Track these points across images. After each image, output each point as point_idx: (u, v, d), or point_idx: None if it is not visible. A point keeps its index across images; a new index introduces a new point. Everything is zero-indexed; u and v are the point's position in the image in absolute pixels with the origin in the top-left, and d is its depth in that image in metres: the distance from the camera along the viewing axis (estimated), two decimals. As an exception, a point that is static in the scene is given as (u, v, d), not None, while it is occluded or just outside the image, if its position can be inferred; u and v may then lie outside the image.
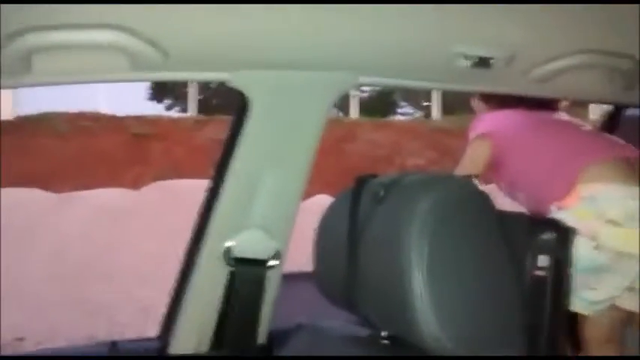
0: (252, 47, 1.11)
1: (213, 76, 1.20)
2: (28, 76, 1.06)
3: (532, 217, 0.90)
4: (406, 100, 15.93)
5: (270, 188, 1.28)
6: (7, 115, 10.40)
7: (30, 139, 9.70)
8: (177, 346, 1.32)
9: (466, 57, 1.15)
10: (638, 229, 1.51)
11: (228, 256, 1.28)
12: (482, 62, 1.16)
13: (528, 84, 1.27)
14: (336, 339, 1.09)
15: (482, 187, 0.87)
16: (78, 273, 6.12)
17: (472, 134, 1.85)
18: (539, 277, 0.84)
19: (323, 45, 1.12)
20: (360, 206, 0.96)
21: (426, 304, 0.76)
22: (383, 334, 1.00)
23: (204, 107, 12.44)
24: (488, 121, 1.85)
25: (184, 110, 13.95)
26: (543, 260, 0.84)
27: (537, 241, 0.85)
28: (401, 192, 0.87)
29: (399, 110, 15.99)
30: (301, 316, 1.40)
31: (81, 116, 10.31)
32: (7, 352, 4.81)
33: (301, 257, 1.47)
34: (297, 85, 1.22)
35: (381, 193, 0.90)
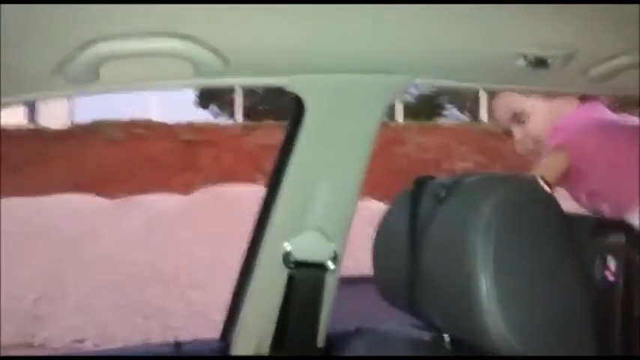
0: (308, 52, 1.12)
1: (270, 81, 1.21)
2: (95, 85, 1.10)
3: (599, 220, 0.88)
4: (452, 102, 15.79)
5: (327, 191, 1.29)
6: (63, 124, 10.75)
7: (84, 146, 10.00)
8: (238, 348, 1.34)
9: (524, 57, 1.14)
10: None
11: (288, 259, 1.30)
12: (540, 62, 1.15)
13: (587, 83, 1.24)
14: (397, 342, 1.09)
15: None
16: (133, 277, 6.27)
17: (549, 142, 1.74)
18: (608, 282, 0.82)
19: (379, 47, 1.13)
20: (421, 207, 0.96)
21: (493, 306, 0.75)
22: (446, 337, 0.99)
23: (250, 113, 12.60)
24: (566, 130, 1.74)
25: (230, 116, 14.16)
26: (612, 263, 0.83)
27: (606, 243, 0.83)
28: (464, 192, 0.87)
29: (445, 113, 15.87)
30: (352, 320, 1.41)
31: (133, 124, 10.57)
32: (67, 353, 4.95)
33: (349, 261, 1.47)
34: (352, 88, 1.23)
35: (442, 193, 0.90)
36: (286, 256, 1.30)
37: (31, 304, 5.99)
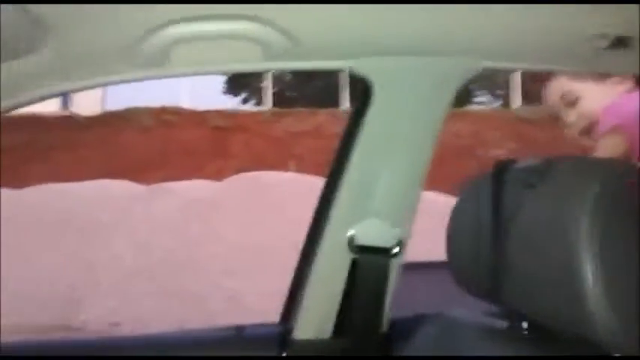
0: (377, 34, 1.10)
1: (338, 64, 1.20)
2: (165, 68, 1.10)
3: None
4: (483, 88, 15.59)
5: (392, 176, 1.27)
6: (95, 111, 10.87)
7: (116, 133, 10.10)
8: (300, 332, 1.34)
9: (604, 37, 1.11)
10: None
11: (352, 244, 1.28)
12: (621, 42, 1.11)
13: None
14: (472, 329, 1.08)
15: None
16: (167, 263, 6.33)
17: (602, 127, 1.70)
18: None
19: (447, 30, 1.10)
20: (505, 193, 0.93)
21: (600, 295, 0.73)
22: (524, 325, 0.97)
23: (278, 100, 12.61)
24: (620, 110, 1.69)
25: (258, 103, 14.17)
26: None
27: None
28: (560, 177, 0.84)
29: (476, 100, 15.68)
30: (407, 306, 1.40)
31: (164, 111, 10.64)
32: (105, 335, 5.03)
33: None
34: (420, 71, 1.20)
35: (532, 179, 0.88)
36: (351, 241, 1.29)
37: (66, 289, 6.09)
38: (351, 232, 1.29)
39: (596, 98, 1.75)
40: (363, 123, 1.26)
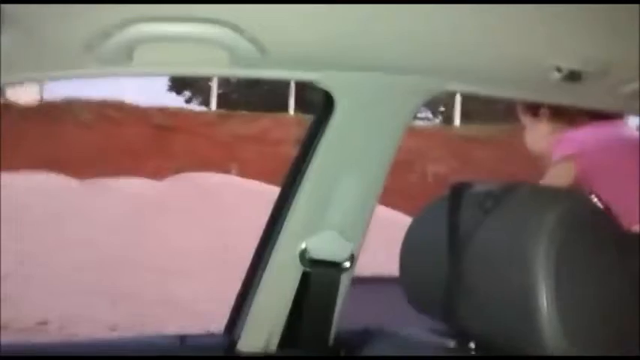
0: (342, 49, 1.11)
1: (303, 75, 1.19)
2: (127, 67, 1.07)
3: None
4: (426, 105, 15.91)
5: (348, 190, 1.28)
6: (33, 99, 10.50)
7: (53, 125, 9.79)
8: (246, 343, 1.32)
9: (559, 70, 1.15)
10: None
11: (304, 257, 1.28)
12: (574, 76, 1.15)
13: (615, 100, 1.26)
14: (421, 347, 1.09)
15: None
16: (102, 261, 6.16)
17: (555, 155, 1.75)
18: None
19: (412, 49, 1.12)
20: (460, 215, 0.95)
21: (554, 319, 0.75)
22: (471, 345, 0.99)
23: (223, 102, 12.50)
24: (572, 142, 1.74)
25: (203, 103, 14.02)
26: None
27: None
28: (517, 204, 0.86)
29: (418, 115, 15.99)
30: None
31: (104, 105, 10.40)
32: (31, 336, 4.85)
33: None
34: (383, 87, 1.21)
35: (489, 203, 0.90)
36: (302, 254, 1.28)
37: (-7, 284, 5.84)
38: (303, 245, 1.28)
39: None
40: (323, 135, 1.26)
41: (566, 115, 1.72)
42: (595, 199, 0.82)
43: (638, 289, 0.82)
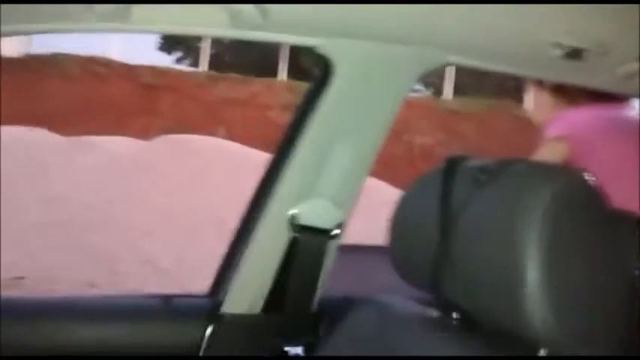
0: (344, 16, 1.09)
1: (304, 40, 1.18)
2: (126, 24, 1.05)
3: None
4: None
5: (341, 158, 1.27)
6: (18, 52, 10.30)
7: (38, 79, 9.63)
8: (230, 305, 1.33)
9: (560, 46, 1.14)
10: None
11: (294, 223, 1.28)
12: (575, 53, 1.15)
13: (614, 80, 1.25)
14: (405, 316, 1.09)
15: None
16: (82, 220, 6.13)
17: (548, 133, 1.73)
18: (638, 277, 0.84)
19: (416, 19, 1.11)
20: (454, 189, 0.95)
21: (542, 296, 0.76)
22: (455, 315, 1.00)
23: (215, 63, 12.35)
24: (567, 122, 1.71)
25: (193, 64, 13.83)
26: None
27: None
28: (512, 180, 0.86)
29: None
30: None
31: (92, 61, 10.22)
32: (8, 291, 4.83)
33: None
34: (384, 57, 1.20)
35: (483, 177, 0.89)
36: (292, 220, 1.28)
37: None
38: (293, 211, 1.28)
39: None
40: (319, 102, 1.25)
41: (568, 93, 1.70)
42: (588, 178, 0.82)
43: (623, 268, 0.83)
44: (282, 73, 10.72)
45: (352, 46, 1.18)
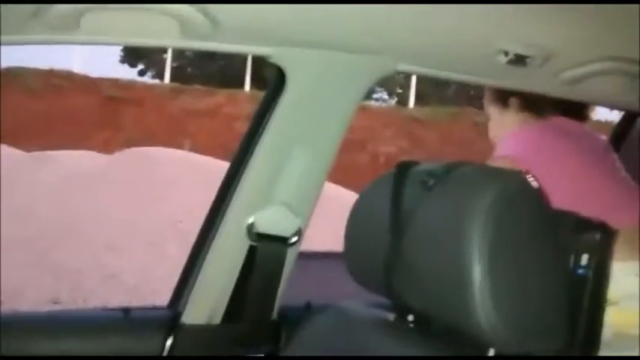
0: (297, 24, 1.11)
1: (255, 50, 1.19)
2: (75, 34, 1.05)
3: (579, 217, 0.92)
4: (381, 85, 16.01)
5: (298, 166, 1.28)
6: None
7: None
8: (190, 316, 1.32)
9: (505, 53, 1.17)
10: (638, 308, 1.33)
11: (252, 231, 1.28)
12: (519, 60, 1.18)
13: (557, 85, 1.29)
14: (362, 320, 1.11)
15: None
16: (45, 235, 6.02)
17: (498, 149, 1.64)
18: (580, 276, 0.87)
19: (366, 28, 1.13)
20: (404, 193, 0.96)
21: (486, 296, 0.77)
22: (410, 317, 1.01)
23: (177, 75, 12.29)
24: (517, 143, 1.62)
25: (156, 76, 13.75)
26: (585, 259, 0.87)
27: (582, 239, 0.87)
28: (457, 182, 0.88)
29: (374, 95, 16.08)
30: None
31: (52, 74, 10.08)
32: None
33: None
34: (336, 65, 1.22)
35: (431, 181, 0.91)
36: (250, 228, 1.29)
37: None
38: (251, 219, 1.29)
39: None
40: (274, 111, 1.26)
41: (535, 106, 1.64)
42: (530, 179, 0.84)
43: (565, 267, 0.85)
44: (247, 84, 10.71)
45: (304, 55, 1.19)
